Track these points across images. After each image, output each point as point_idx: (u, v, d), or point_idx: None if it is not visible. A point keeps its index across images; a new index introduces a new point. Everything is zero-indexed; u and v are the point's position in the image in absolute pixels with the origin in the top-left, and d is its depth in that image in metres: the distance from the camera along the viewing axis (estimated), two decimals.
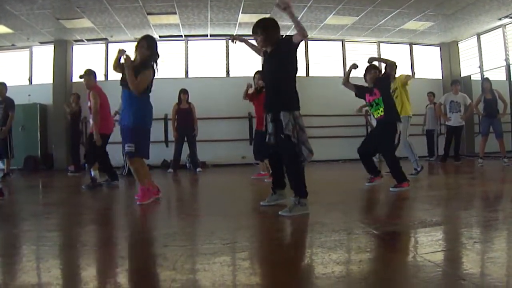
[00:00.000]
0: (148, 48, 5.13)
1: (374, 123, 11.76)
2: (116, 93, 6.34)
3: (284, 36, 4.50)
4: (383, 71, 6.51)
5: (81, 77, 7.18)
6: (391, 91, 7.91)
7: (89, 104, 7.12)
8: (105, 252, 3.04)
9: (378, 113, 6.19)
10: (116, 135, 6.85)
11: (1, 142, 8.95)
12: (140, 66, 5.04)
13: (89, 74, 7.14)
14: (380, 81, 6.21)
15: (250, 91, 7.92)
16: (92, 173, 7.08)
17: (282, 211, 4.18)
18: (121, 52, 4.96)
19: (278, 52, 4.35)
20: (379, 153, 6.94)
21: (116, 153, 8.98)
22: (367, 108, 11.90)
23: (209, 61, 13.31)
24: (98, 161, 7.22)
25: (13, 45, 12.63)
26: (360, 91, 6.39)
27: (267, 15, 10.99)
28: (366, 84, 6.44)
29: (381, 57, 6.53)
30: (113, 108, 9.63)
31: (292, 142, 4.22)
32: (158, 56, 5.26)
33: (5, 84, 9.14)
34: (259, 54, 4.89)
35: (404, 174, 5.90)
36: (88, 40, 12.72)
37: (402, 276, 2.36)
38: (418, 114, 10.85)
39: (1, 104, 8.92)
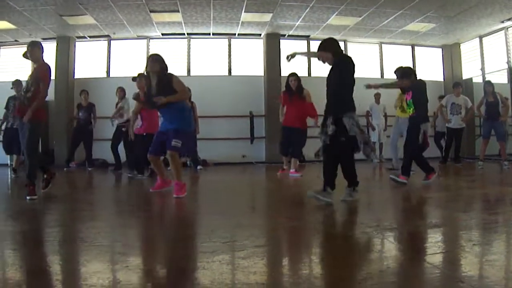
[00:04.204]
0: (157, 62, 5.51)
1: (375, 123, 11.88)
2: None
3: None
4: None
5: (133, 79, 7.52)
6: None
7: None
8: (104, 249, 3.04)
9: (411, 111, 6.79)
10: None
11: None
12: (167, 81, 5.46)
13: (142, 77, 7.55)
14: (414, 85, 6.69)
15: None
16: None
17: (343, 197, 4.86)
18: None
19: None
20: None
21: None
22: (368, 109, 12.00)
23: (211, 59, 13.29)
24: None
25: (16, 41, 12.62)
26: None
27: (270, 15, 11.01)
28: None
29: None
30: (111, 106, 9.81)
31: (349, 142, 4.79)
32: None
33: (21, 82, 9.20)
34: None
35: (430, 166, 6.59)
36: (90, 37, 12.71)
37: (401, 277, 2.37)
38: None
39: (17, 101, 8.98)
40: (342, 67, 5.02)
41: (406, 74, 6.77)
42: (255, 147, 12.77)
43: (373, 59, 13.98)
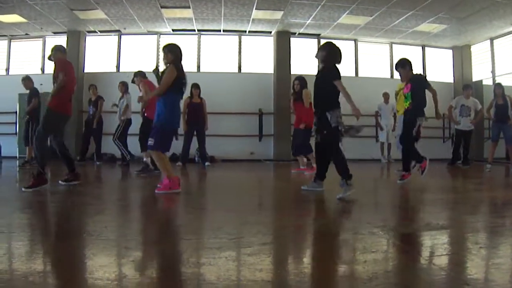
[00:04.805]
0: (170, 53, 5.51)
1: (384, 123, 11.83)
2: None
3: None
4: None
5: (132, 82, 8.25)
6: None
7: (140, 94, 8.10)
8: (111, 243, 3.06)
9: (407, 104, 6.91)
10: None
11: (24, 128, 9.28)
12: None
13: (138, 75, 8.12)
14: (414, 77, 6.93)
15: None
16: (144, 159, 7.91)
17: (339, 195, 5.01)
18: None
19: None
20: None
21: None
22: (377, 109, 11.96)
23: (221, 56, 13.32)
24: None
25: (26, 34, 12.71)
26: None
27: (281, 12, 11.01)
28: None
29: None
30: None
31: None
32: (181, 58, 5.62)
33: (30, 77, 9.49)
34: None
35: (409, 166, 6.81)
36: (101, 31, 12.77)
37: (407, 278, 2.37)
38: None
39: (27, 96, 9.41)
40: (326, 75, 5.49)
41: (405, 64, 6.95)
42: (264, 144, 12.80)
43: (383, 59, 13.94)
